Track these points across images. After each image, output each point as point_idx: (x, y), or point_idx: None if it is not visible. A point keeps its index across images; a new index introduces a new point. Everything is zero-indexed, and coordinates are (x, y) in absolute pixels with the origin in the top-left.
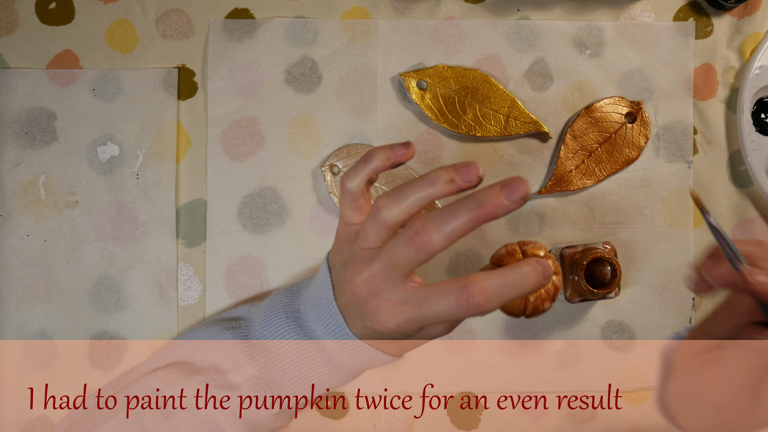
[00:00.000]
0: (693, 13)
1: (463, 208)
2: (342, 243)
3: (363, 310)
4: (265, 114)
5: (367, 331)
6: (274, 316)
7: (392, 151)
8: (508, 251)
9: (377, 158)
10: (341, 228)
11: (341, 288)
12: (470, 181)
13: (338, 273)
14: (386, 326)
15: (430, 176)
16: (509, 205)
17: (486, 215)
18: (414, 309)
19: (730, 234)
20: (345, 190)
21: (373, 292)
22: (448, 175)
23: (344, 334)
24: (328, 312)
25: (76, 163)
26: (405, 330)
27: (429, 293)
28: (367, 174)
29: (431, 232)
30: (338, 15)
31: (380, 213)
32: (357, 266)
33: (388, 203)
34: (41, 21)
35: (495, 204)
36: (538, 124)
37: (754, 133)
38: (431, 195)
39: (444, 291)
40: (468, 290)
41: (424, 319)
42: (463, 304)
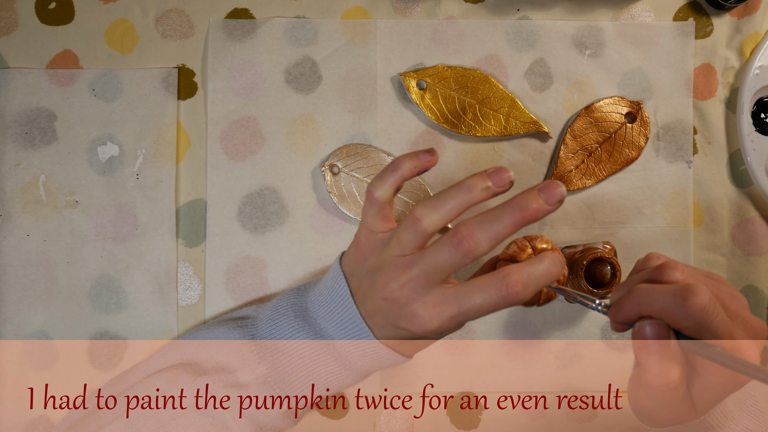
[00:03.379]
0: (693, 13)
1: (507, 213)
2: (366, 251)
3: (399, 315)
4: (265, 114)
5: (399, 334)
6: (282, 315)
7: (418, 159)
8: (520, 247)
9: (404, 166)
10: (364, 236)
11: (366, 295)
12: (503, 186)
13: (361, 280)
14: (428, 327)
15: (466, 184)
16: (549, 208)
17: (528, 218)
18: (455, 307)
19: (729, 235)
20: (372, 199)
21: (412, 297)
22: (484, 183)
23: (362, 333)
24: (346, 314)
25: (76, 163)
26: (446, 329)
27: (468, 289)
28: (395, 182)
29: (477, 237)
30: (338, 15)
31: (420, 222)
32: (392, 273)
33: (426, 213)
34: (41, 21)
35: (536, 208)
36: (538, 124)
37: (754, 133)
38: (469, 202)
39: (483, 285)
40: (507, 281)
41: (464, 315)
42: (503, 294)
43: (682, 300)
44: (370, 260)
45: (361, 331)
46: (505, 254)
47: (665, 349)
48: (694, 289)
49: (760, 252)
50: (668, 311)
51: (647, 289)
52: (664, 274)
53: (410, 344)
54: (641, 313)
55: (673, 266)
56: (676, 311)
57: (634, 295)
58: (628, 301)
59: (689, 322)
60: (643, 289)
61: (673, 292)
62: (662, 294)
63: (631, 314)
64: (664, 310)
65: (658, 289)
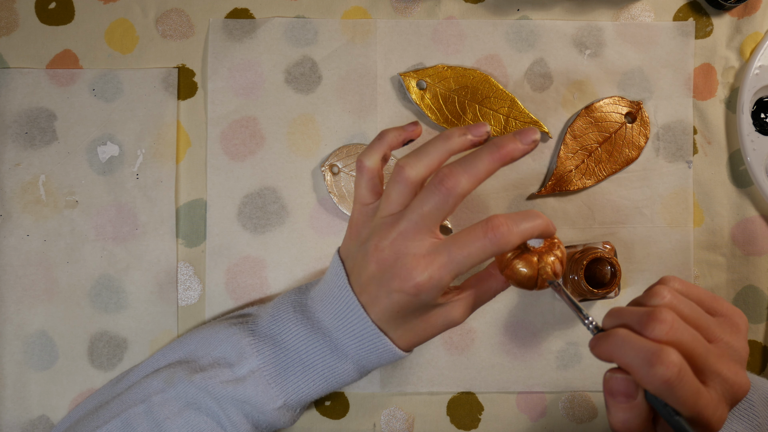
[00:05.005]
0: (693, 13)
1: (484, 151)
2: (359, 225)
3: (391, 274)
4: (265, 114)
5: (393, 300)
6: (283, 311)
7: (403, 129)
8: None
9: (390, 134)
10: (356, 211)
11: (360, 267)
12: (481, 136)
13: (354, 256)
14: (418, 280)
15: (445, 133)
16: (523, 147)
17: (505, 155)
18: (444, 255)
19: (729, 235)
20: (363, 168)
21: (401, 251)
22: (461, 131)
23: (356, 317)
24: (340, 299)
25: (76, 163)
26: (437, 280)
27: (456, 237)
28: (382, 150)
29: (458, 175)
30: (338, 15)
31: (403, 170)
32: (382, 232)
33: (409, 161)
34: (41, 21)
35: (512, 147)
36: (538, 124)
37: (754, 133)
38: (448, 149)
39: (470, 231)
40: (492, 222)
41: (455, 263)
42: (490, 236)
43: (649, 366)
44: (362, 232)
45: (354, 313)
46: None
47: (630, 402)
48: (663, 357)
49: (760, 252)
50: (634, 371)
51: (622, 338)
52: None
53: (405, 325)
54: (611, 360)
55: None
56: (641, 373)
57: (610, 341)
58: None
59: (653, 388)
60: (619, 338)
61: (643, 353)
62: (633, 351)
63: (606, 359)
64: (630, 368)
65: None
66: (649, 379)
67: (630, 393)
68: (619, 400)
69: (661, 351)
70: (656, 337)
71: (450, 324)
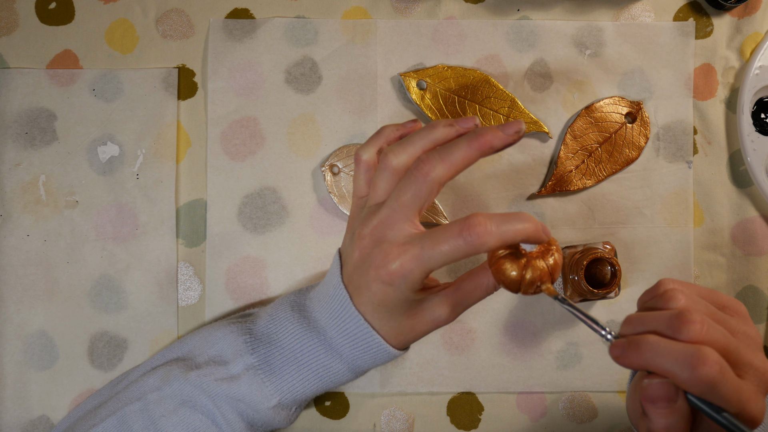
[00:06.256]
0: (693, 13)
1: (463, 139)
2: (354, 218)
3: (369, 262)
4: (265, 114)
5: (372, 291)
6: (281, 311)
7: (402, 125)
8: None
9: (388, 129)
10: (354, 204)
11: (348, 257)
12: (468, 128)
13: (347, 249)
14: (390, 267)
15: (431, 123)
16: (504, 137)
17: (484, 143)
18: (417, 247)
19: (729, 235)
20: (359, 161)
21: (379, 238)
22: (448, 122)
23: (345, 310)
24: (332, 294)
25: (76, 163)
26: (408, 271)
27: (432, 232)
28: (379, 143)
29: (433, 161)
30: (338, 15)
31: (386, 157)
32: (365, 221)
33: (393, 148)
34: (41, 21)
35: (492, 135)
36: (538, 124)
37: (754, 133)
38: (433, 139)
39: (447, 227)
40: (469, 222)
41: (428, 257)
42: (465, 235)
43: (691, 369)
44: (356, 225)
45: (343, 306)
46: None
47: (672, 406)
48: (704, 358)
49: (760, 252)
50: (675, 375)
51: (656, 344)
52: (670, 300)
53: (391, 320)
54: (646, 368)
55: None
56: (683, 376)
57: (642, 350)
58: (635, 353)
59: (696, 390)
60: (652, 345)
61: (682, 357)
62: (670, 356)
63: (635, 366)
64: (670, 372)
65: (666, 349)
66: (693, 382)
67: (671, 397)
68: (661, 406)
69: (700, 351)
70: (691, 338)
71: (437, 321)
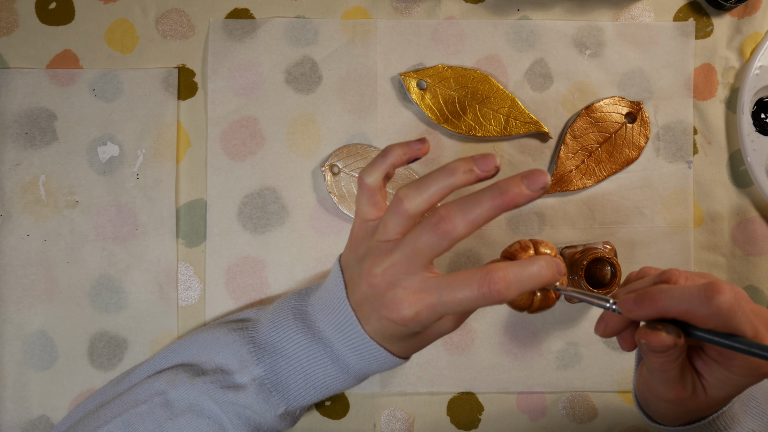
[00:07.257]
0: (693, 13)
1: (487, 196)
2: (358, 240)
3: (381, 302)
4: (265, 114)
5: (383, 325)
6: (282, 317)
7: (408, 147)
8: (522, 246)
9: (394, 153)
10: (357, 225)
11: (355, 284)
12: (488, 171)
13: (352, 271)
14: (405, 315)
15: (449, 167)
16: (530, 194)
17: (508, 203)
18: (434, 296)
19: (729, 235)
20: (363, 185)
21: (393, 282)
22: (467, 165)
23: (355, 332)
24: (339, 311)
25: (76, 163)
26: (424, 318)
27: (450, 281)
28: (384, 169)
29: (455, 219)
30: (338, 15)
31: (402, 203)
32: (376, 258)
33: (409, 193)
34: (41, 21)
35: (517, 193)
36: (538, 124)
37: (754, 133)
38: (451, 184)
39: (465, 278)
40: (490, 277)
41: (444, 306)
42: (484, 290)
43: (708, 299)
44: (360, 248)
45: (352, 328)
46: (506, 252)
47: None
48: (719, 288)
49: (760, 252)
50: (693, 312)
51: (669, 289)
52: (671, 280)
53: (404, 344)
54: (662, 314)
55: (678, 273)
56: (702, 311)
57: (656, 297)
58: (649, 302)
59: (716, 321)
60: (665, 290)
61: (697, 292)
62: (686, 294)
63: (651, 314)
64: (689, 311)
65: (681, 290)
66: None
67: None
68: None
69: (712, 283)
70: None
71: (442, 333)
